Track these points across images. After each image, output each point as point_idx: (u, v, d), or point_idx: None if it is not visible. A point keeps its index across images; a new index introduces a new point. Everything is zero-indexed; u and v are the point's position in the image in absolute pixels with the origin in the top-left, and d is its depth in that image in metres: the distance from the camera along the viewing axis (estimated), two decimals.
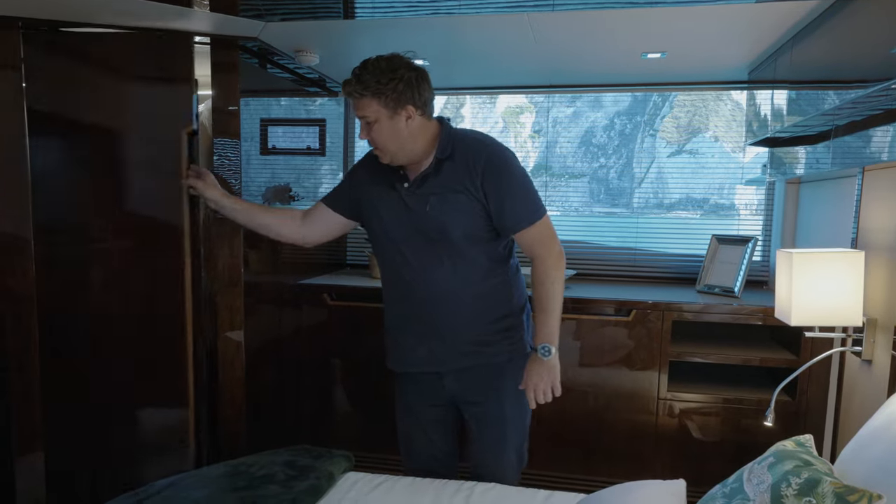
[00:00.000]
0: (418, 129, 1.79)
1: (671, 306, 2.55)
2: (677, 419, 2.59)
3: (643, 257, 3.16)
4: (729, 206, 3.19)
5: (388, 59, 1.76)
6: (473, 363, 1.91)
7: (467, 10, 1.88)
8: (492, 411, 1.95)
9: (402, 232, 1.85)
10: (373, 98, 1.74)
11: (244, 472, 1.86)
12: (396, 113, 1.75)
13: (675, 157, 3.25)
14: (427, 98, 1.80)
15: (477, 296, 1.87)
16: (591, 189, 3.31)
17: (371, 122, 1.77)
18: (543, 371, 1.84)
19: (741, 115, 3.11)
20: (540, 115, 3.38)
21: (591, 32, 2.17)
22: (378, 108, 1.74)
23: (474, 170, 1.78)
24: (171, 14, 1.96)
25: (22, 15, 2.00)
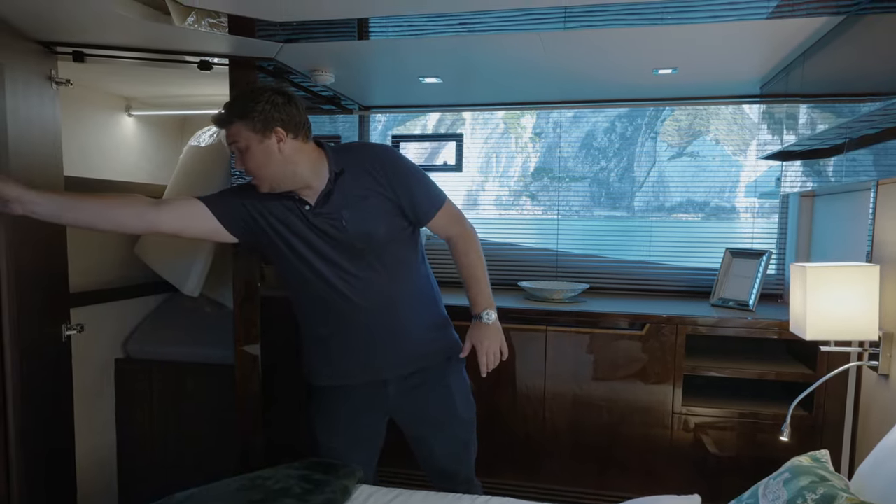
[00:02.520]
0: (294, 152, 1.74)
1: (685, 320, 2.55)
2: (692, 434, 2.58)
3: (656, 271, 3.16)
4: (730, 210, 3.19)
5: (253, 87, 1.80)
6: (418, 367, 1.95)
7: (480, 30, 1.91)
8: (444, 413, 2.00)
9: (322, 252, 1.82)
10: (239, 122, 1.71)
11: (261, 486, 1.87)
12: (266, 136, 1.71)
13: (676, 160, 3.25)
14: (298, 121, 1.76)
15: (414, 294, 1.92)
16: (592, 192, 3.32)
17: (242, 149, 1.73)
18: (490, 333, 1.92)
19: (742, 117, 3.12)
20: (541, 117, 3.39)
21: (603, 50, 2.19)
22: (247, 133, 1.71)
23: (378, 172, 1.81)
24: (194, 38, 2.01)
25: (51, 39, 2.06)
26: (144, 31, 1.95)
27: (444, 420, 2.01)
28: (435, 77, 2.56)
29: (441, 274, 3.30)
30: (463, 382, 2.05)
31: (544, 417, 2.69)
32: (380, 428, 2.07)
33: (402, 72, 2.54)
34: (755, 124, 3.10)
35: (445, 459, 2.07)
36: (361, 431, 2.04)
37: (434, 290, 2.03)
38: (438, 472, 2.08)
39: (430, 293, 2.00)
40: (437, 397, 1.99)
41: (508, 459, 2.73)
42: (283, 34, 2.01)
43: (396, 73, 2.58)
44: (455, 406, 2.00)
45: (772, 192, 3.06)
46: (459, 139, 3.33)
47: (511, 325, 2.68)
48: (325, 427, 2.04)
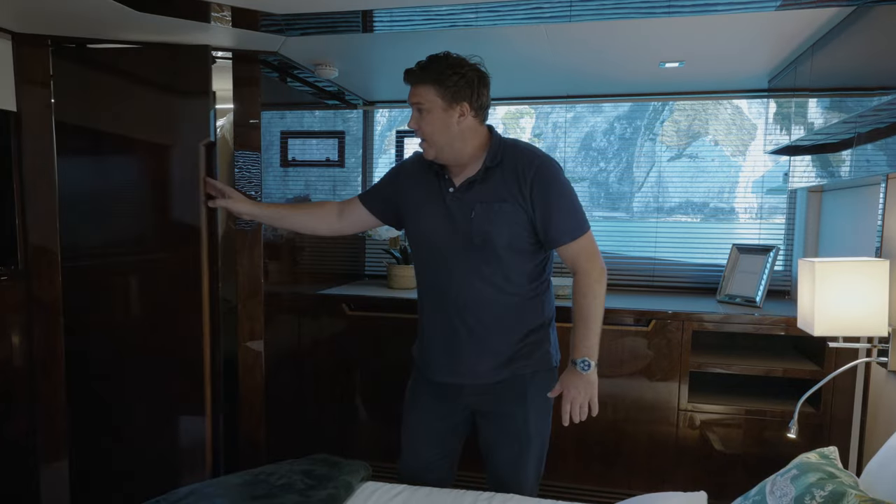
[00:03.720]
0: (468, 130, 1.78)
1: (692, 316, 2.53)
2: (698, 431, 2.56)
3: (662, 267, 3.14)
4: (729, 210, 3.17)
5: (456, 56, 1.78)
6: (498, 378, 1.88)
7: (485, 23, 1.89)
8: (515, 425, 1.91)
9: (444, 237, 1.83)
10: (431, 85, 1.74)
11: (264, 481, 1.87)
12: (451, 106, 1.74)
13: (675, 162, 3.24)
14: (484, 102, 1.80)
15: (510, 306, 1.84)
16: (592, 193, 3.31)
17: (424, 110, 1.76)
18: (581, 384, 1.80)
19: (741, 119, 3.10)
20: (540, 119, 3.38)
21: (609, 43, 2.17)
22: (434, 98, 1.74)
23: (524, 179, 1.77)
24: (195, 30, 2.00)
25: (51, 33, 2.06)
26: (145, 24, 1.94)
27: (515, 430, 1.92)
28: None
29: None
30: (542, 398, 1.92)
31: None
32: (456, 426, 2.02)
33: (406, 65, 2.51)
34: (754, 125, 3.10)
35: (505, 468, 1.98)
36: (438, 423, 2.01)
37: (542, 305, 1.92)
38: (496, 480, 2.00)
39: (534, 309, 1.90)
40: (514, 407, 1.91)
41: None
42: (287, 27, 2.00)
43: (401, 67, 2.55)
44: (527, 419, 1.90)
45: (779, 188, 3.03)
46: None
47: None
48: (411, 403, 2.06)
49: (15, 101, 2.07)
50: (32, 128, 2.11)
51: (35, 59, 2.08)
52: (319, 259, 3.00)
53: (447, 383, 1.93)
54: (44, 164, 2.13)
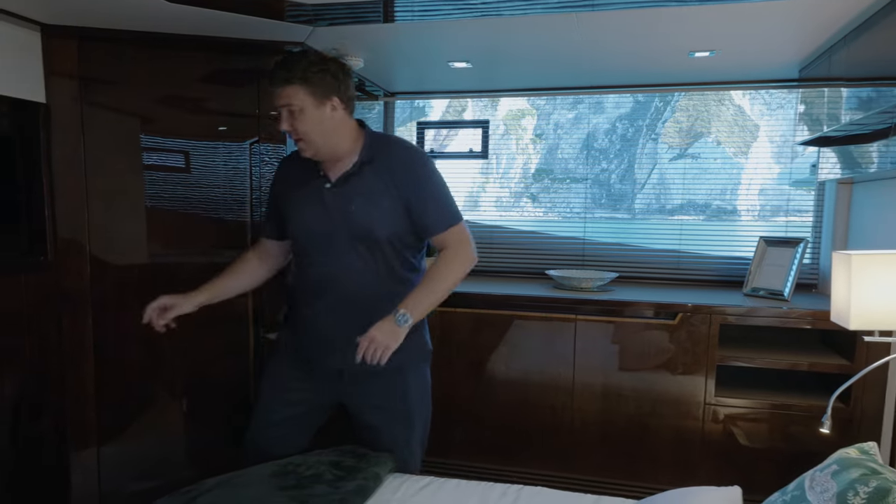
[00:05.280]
0: (341, 123, 1.80)
1: (719, 309, 2.50)
2: (724, 425, 2.54)
3: (687, 260, 3.11)
4: (731, 211, 3.15)
5: (316, 52, 1.80)
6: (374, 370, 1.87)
7: (517, 12, 1.87)
8: (398, 415, 1.96)
9: (324, 228, 1.84)
10: (299, 85, 1.73)
11: (292, 472, 1.87)
12: (322, 102, 1.75)
13: (677, 162, 3.21)
14: (351, 94, 1.82)
15: (387, 297, 1.83)
16: (593, 193, 3.29)
17: (295, 110, 1.75)
18: (388, 331, 1.75)
19: (743, 118, 3.07)
20: (541, 118, 3.37)
21: (640, 32, 2.14)
22: (304, 96, 1.74)
23: (398, 173, 1.80)
24: (223, 21, 1.99)
25: (80, 24, 2.06)
26: (175, 15, 1.94)
27: (398, 419, 1.97)
28: (464, 62, 2.52)
29: None
30: (422, 380, 2.00)
31: (573, 408, 2.66)
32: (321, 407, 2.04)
33: (430, 56, 2.50)
34: (756, 125, 3.07)
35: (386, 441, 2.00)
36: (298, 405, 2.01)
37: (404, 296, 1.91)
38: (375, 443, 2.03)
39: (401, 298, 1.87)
40: (394, 397, 1.95)
41: (537, 450, 2.71)
42: (316, 17, 1.98)
43: (425, 58, 2.54)
44: (409, 407, 1.96)
45: (807, 180, 2.99)
46: (486, 125, 3.29)
47: (539, 313, 2.66)
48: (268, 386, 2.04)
49: (44, 93, 2.08)
50: (61, 120, 2.11)
51: (64, 51, 2.09)
52: None
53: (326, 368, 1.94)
54: (72, 157, 2.14)
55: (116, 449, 2.31)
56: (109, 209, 2.22)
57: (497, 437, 2.75)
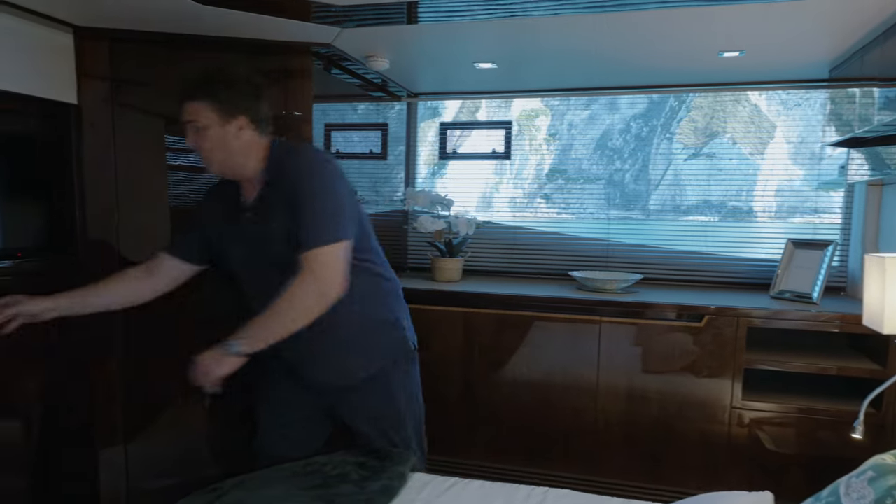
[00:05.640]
0: (248, 144, 1.72)
1: (746, 312, 2.47)
2: (751, 429, 2.50)
3: (712, 262, 3.08)
4: (751, 211, 3.11)
5: (228, 68, 1.74)
6: (345, 382, 1.88)
7: (545, 12, 1.86)
8: (387, 419, 1.94)
9: (253, 256, 1.78)
10: (206, 101, 1.68)
11: (318, 472, 1.87)
12: (228, 121, 1.69)
13: (693, 161, 3.18)
14: (263, 114, 1.74)
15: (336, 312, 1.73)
16: (607, 193, 3.28)
17: (200, 127, 1.69)
18: (214, 358, 1.63)
19: (759, 117, 3.03)
20: (555, 118, 3.36)
21: (669, 32, 2.12)
22: (209, 114, 1.68)
23: (289, 186, 1.70)
24: (250, 23, 2.01)
25: (112, 27, 2.09)
26: (206, 17, 1.95)
27: (383, 416, 1.94)
28: (490, 62, 2.52)
29: (492, 264, 3.32)
30: (408, 381, 1.96)
31: (596, 409, 2.64)
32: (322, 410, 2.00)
33: (455, 57, 2.50)
34: (773, 124, 3.03)
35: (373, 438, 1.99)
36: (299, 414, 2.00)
37: (369, 304, 1.85)
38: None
39: (363, 306, 1.83)
40: (376, 396, 1.91)
41: (560, 451, 2.70)
42: (345, 18, 1.99)
43: (450, 59, 2.54)
44: (395, 404, 1.93)
45: (835, 182, 2.95)
46: (508, 126, 3.28)
47: (563, 314, 2.64)
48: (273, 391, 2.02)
49: (76, 95, 2.11)
50: (92, 121, 2.14)
51: (95, 52, 2.12)
52: None
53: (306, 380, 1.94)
54: (103, 157, 2.17)
55: (142, 447, 2.33)
56: (138, 210, 2.24)
57: (519, 438, 2.74)
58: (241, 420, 2.41)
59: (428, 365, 2.81)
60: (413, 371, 2.00)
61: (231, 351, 1.63)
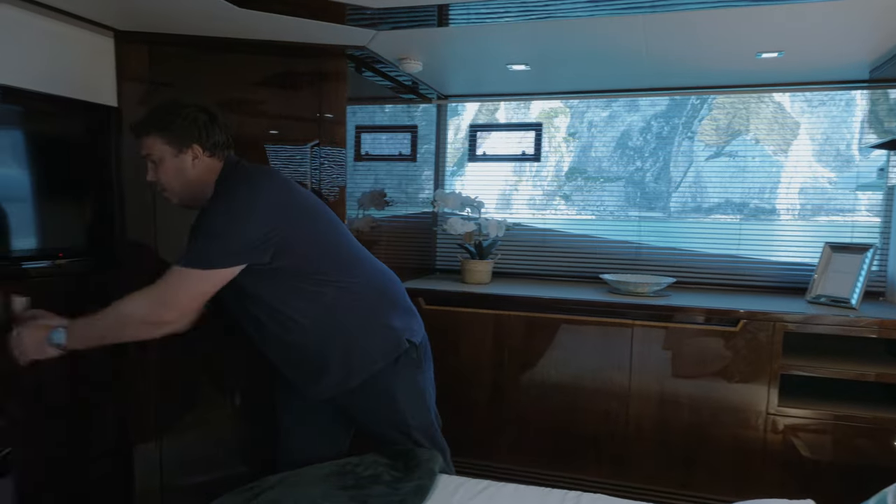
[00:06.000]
0: (205, 171, 1.74)
1: (783, 317, 2.43)
2: (787, 436, 2.46)
3: (746, 265, 3.03)
4: (770, 210, 3.06)
5: (175, 99, 1.76)
6: (335, 391, 1.87)
7: (581, 13, 1.85)
8: (391, 422, 1.92)
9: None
10: (157, 135, 1.70)
11: (351, 472, 1.88)
12: (181, 151, 1.71)
13: (714, 160, 3.14)
14: (217, 140, 1.75)
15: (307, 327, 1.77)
16: (627, 193, 3.25)
17: (156, 161, 1.73)
18: (32, 339, 1.65)
19: (783, 116, 2.98)
20: (575, 117, 3.33)
21: (706, 33, 2.10)
22: (162, 146, 1.71)
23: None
24: (286, 25, 2.03)
25: (152, 30, 2.12)
26: (246, 20, 1.98)
27: (386, 420, 1.93)
28: (523, 64, 2.51)
29: (522, 266, 3.31)
30: (409, 385, 1.92)
31: (628, 414, 2.62)
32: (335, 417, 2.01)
33: (488, 59, 2.50)
34: (797, 123, 2.99)
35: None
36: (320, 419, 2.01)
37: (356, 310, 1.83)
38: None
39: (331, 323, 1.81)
40: (378, 399, 1.90)
41: (590, 455, 2.68)
42: (380, 21, 2.00)
43: (482, 61, 2.54)
44: (400, 409, 1.90)
45: (874, 184, 2.88)
46: (539, 128, 3.27)
47: (594, 317, 2.63)
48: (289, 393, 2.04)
49: (116, 98, 2.15)
50: (131, 123, 2.17)
51: (135, 55, 2.15)
52: (394, 252, 3.02)
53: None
54: (142, 159, 2.19)
55: (176, 444, 2.36)
56: (174, 210, 2.26)
57: (548, 441, 2.72)
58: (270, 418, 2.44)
59: (457, 367, 2.83)
60: (411, 372, 1.92)
61: (52, 342, 1.65)
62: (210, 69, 2.26)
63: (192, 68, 2.24)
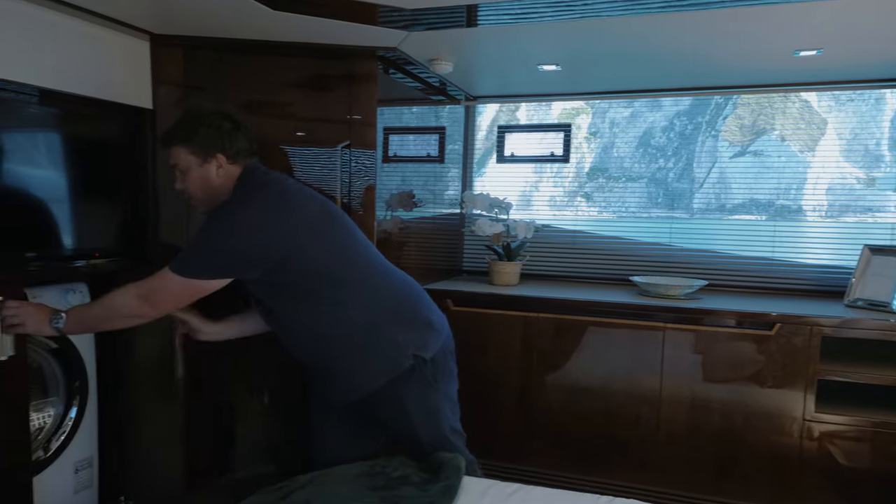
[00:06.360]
0: (228, 179, 1.77)
1: (820, 321, 2.37)
2: (824, 442, 2.40)
3: (780, 267, 2.97)
4: (796, 210, 2.98)
5: (200, 107, 1.79)
6: (354, 397, 1.87)
7: (615, 12, 1.83)
8: (400, 431, 1.92)
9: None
10: (182, 146, 1.74)
11: (380, 473, 1.88)
12: (206, 161, 1.73)
13: (739, 159, 3.08)
14: (240, 148, 1.77)
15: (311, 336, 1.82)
16: (649, 192, 3.20)
17: (182, 170, 1.76)
18: (34, 312, 1.70)
19: (810, 114, 2.91)
20: (596, 116, 3.29)
21: (744, 30, 2.06)
22: (187, 157, 1.74)
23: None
24: (318, 27, 2.03)
25: (187, 34, 2.15)
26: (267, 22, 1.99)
27: (401, 433, 1.93)
28: (554, 65, 2.49)
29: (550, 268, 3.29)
30: (420, 401, 1.88)
31: (659, 418, 2.58)
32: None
33: (518, 59, 2.48)
34: (824, 120, 2.92)
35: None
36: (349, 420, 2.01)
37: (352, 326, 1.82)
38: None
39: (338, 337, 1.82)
40: (392, 415, 1.90)
41: (620, 460, 2.65)
42: (414, 22, 1.99)
43: (513, 61, 2.52)
44: (413, 424, 1.89)
45: None
46: (567, 129, 3.25)
47: (625, 320, 2.59)
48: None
49: (151, 100, 2.18)
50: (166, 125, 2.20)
51: (170, 58, 2.18)
52: (421, 254, 3.02)
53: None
54: None
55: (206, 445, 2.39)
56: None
57: (577, 445, 2.70)
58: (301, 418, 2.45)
59: (485, 369, 2.82)
60: (423, 389, 1.88)
61: (54, 323, 1.70)
62: (242, 72, 2.28)
63: (224, 71, 2.26)
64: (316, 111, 2.34)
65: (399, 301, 1.89)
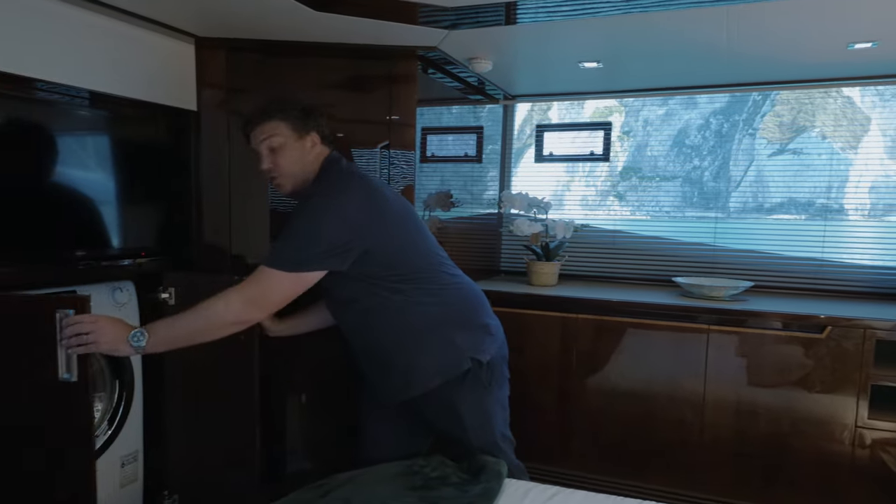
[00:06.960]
0: (316, 160, 1.82)
1: (874, 324, 2.28)
2: (877, 451, 2.31)
3: (830, 268, 2.87)
4: (838, 210, 2.88)
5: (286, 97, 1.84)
6: (407, 396, 1.86)
7: (661, 7, 1.78)
8: (450, 434, 1.90)
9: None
10: (280, 120, 1.77)
11: (419, 473, 1.88)
12: (303, 136, 1.78)
13: (777, 158, 2.98)
14: (326, 133, 1.84)
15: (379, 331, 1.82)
16: (684, 192, 3.13)
17: (276, 147, 1.77)
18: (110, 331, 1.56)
19: (853, 110, 2.81)
20: (630, 115, 3.22)
21: (797, 23, 1.99)
22: (286, 130, 1.77)
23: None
24: (359, 27, 2.04)
25: (230, 36, 2.18)
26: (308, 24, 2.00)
27: (450, 436, 1.92)
28: (595, 62, 2.46)
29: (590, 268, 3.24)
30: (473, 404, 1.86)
31: (703, 423, 2.52)
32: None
33: (558, 57, 2.45)
34: (867, 117, 2.81)
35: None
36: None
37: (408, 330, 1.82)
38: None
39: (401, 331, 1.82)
40: (443, 418, 1.89)
41: (661, 464, 2.59)
42: (458, 20, 1.98)
43: (554, 59, 2.49)
44: (465, 427, 1.87)
45: None
46: (608, 128, 3.20)
47: (667, 322, 2.54)
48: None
49: (195, 102, 2.22)
50: (210, 127, 2.24)
51: (214, 61, 2.22)
52: (459, 254, 3.00)
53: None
54: (219, 162, 2.27)
55: None
56: (246, 212, 2.32)
57: (617, 448, 2.65)
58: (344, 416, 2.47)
59: (523, 370, 2.79)
60: (478, 393, 1.87)
61: (133, 340, 1.58)
62: (283, 73, 2.30)
63: (266, 73, 2.29)
64: (356, 112, 2.35)
65: (463, 302, 1.90)
